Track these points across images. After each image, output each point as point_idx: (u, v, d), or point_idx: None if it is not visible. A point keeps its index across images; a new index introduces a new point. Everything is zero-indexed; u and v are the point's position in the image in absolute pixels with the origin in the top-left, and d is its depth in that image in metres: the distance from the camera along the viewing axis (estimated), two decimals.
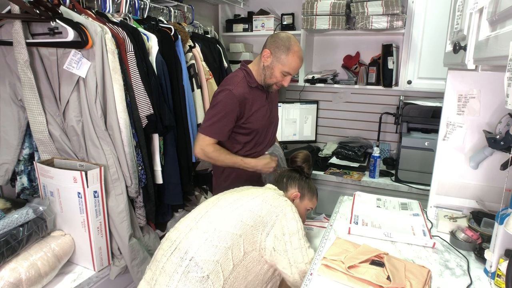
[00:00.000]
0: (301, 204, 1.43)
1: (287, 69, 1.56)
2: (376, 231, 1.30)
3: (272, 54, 1.55)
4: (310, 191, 1.45)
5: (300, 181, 1.44)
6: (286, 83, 1.62)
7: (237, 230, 1.09)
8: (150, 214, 1.57)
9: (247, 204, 1.17)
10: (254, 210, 1.15)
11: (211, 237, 1.07)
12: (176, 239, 1.12)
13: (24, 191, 1.47)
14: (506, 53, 0.63)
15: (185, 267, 1.03)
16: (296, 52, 1.55)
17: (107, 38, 1.29)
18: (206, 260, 1.04)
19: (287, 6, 2.67)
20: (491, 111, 1.35)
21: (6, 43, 1.32)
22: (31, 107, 1.33)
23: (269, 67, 1.57)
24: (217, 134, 1.57)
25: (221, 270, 1.04)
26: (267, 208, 1.17)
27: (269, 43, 1.57)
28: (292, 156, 1.53)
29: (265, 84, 1.63)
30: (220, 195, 1.27)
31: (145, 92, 1.42)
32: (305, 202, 1.44)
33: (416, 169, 2.09)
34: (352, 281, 1.02)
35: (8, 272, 1.12)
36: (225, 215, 1.13)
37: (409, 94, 2.38)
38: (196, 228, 1.12)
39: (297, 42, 1.56)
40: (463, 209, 1.45)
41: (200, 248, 1.06)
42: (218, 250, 1.06)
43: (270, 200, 1.21)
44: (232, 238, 1.08)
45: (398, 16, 2.10)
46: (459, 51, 0.97)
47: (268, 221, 1.14)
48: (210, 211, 1.17)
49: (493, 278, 1.05)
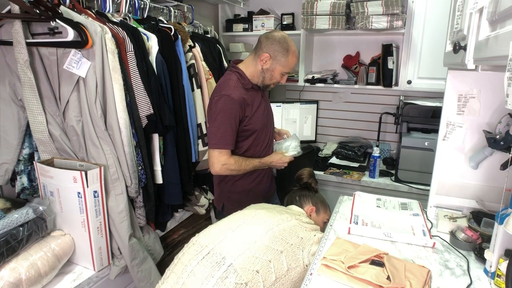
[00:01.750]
0: (318, 217, 1.51)
1: (287, 70, 1.59)
2: (376, 231, 1.30)
3: (272, 58, 1.54)
4: (323, 204, 1.55)
5: (313, 196, 1.54)
6: (284, 81, 1.66)
7: (278, 246, 1.12)
8: (150, 214, 1.57)
9: (287, 224, 1.23)
10: (293, 231, 1.22)
11: (251, 248, 1.09)
12: (209, 245, 1.11)
13: (24, 191, 1.47)
14: (506, 53, 0.63)
15: (223, 272, 1.02)
16: (294, 52, 1.57)
17: (107, 38, 1.29)
18: (245, 269, 1.03)
19: (287, 6, 2.67)
20: (491, 111, 1.35)
21: (6, 43, 1.32)
22: (31, 107, 1.33)
23: (269, 69, 1.57)
24: (230, 144, 1.54)
25: (261, 280, 1.04)
26: (303, 231, 1.24)
27: (266, 46, 1.54)
28: (298, 175, 1.61)
29: (263, 85, 1.63)
30: (254, 210, 1.31)
31: (145, 92, 1.42)
32: (321, 215, 1.52)
33: (416, 169, 2.09)
34: (352, 281, 1.02)
35: (8, 272, 1.12)
36: (265, 230, 1.16)
37: (409, 94, 2.38)
38: (233, 237, 1.13)
39: (291, 41, 1.58)
40: (463, 209, 1.45)
41: (240, 256, 1.06)
42: (259, 261, 1.06)
43: (305, 224, 1.29)
44: (273, 253, 1.10)
45: (398, 16, 2.10)
46: (459, 51, 0.97)
47: (306, 242, 1.21)
48: (248, 223, 1.20)
49: (493, 278, 1.05)
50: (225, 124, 1.51)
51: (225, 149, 1.53)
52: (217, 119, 1.51)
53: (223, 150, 1.53)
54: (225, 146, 1.52)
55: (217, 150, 1.53)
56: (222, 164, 1.53)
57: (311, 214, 1.47)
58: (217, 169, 1.55)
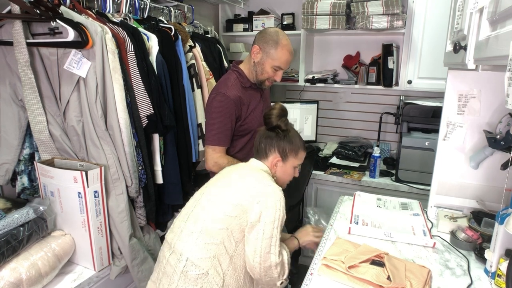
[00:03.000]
0: (285, 166, 1.32)
1: (277, 64, 1.54)
2: (376, 231, 1.30)
3: (261, 50, 1.54)
4: (292, 149, 1.31)
5: (279, 141, 1.30)
6: (278, 78, 1.61)
7: (223, 224, 1.10)
8: (150, 214, 1.57)
9: (229, 197, 1.16)
10: (235, 201, 1.13)
11: (200, 237, 1.09)
12: (171, 241, 1.16)
13: (25, 191, 1.47)
14: (506, 53, 0.63)
15: (183, 267, 1.07)
16: (285, 45, 1.53)
17: (107, 38, 1.29)
18: (202, 258, 1.07)
19: (287, 6, 2.67)
20: (491, 111, 1.35)
21: (6, 43, 1.32)
22: (32, 107, 1.33)
23: (260, 63, 1.56)
24: (224, 141, 1.55)
25: (219, 264, 1.08)
26: (248, 197, 1.14)
27: (257, 39, 1.56)
28: (265, 115, 1.34)
29: (257, 81, 1.61)
30: (204, 189, 1.28)
31: (145, 92, 1.42)
32: (290, 161, 1.32)
33: (416, 169, 2.09)
34: (352, 281, 1.02)
35: (9, 272, 1.12)
36: (208, 213, 1.14)
37: (409, 94, 2.37)
38: (186, 228, 1.14)
39: (285, 36, 1.55)
40: (463, 209, 1.45)
41: (194, 248, 1.09)
42: (212, 246, 1.08)
43: (251, 187, 1.18)
44: (220, 233, 1.09)
45: (398, 16, 2.10)
46: (459, 51, 0.97)
47: (248, 208, 1.12)
48: (195, 210, 1.19)
49: (494, 278, 1.05)
50: (219, 122, 1.52)
51: (218, 145, 1.54)
52: (211, 116, 1.54)
53: (217, 147, 1.54)
54: (218, 142, 1.54)
55: (211, 146, 1.54)
56: (214, 161, 1.54)
57: (276, 164, 1.31)
58: (210, 166, 1.57)
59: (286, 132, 1.31)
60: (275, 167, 1.32)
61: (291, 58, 1.57)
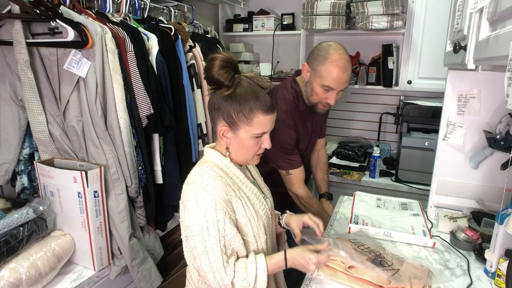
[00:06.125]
0: (238, 136, 0.99)
1: (326, 83, 1.35)
2: (376, 231, 1.30)
3: (310, 67, 1.39)
4: (240, 111, 0.95)
5: (222, 103, 0.96)
6: (331, 101, 1.40)
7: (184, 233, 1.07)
8: (150, 214, 1.57)
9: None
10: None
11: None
12: None
13: (24, 191, 1.47)
14: (506, 53, 0.63)
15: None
16: (334, 61, 1.33)
17: (107, 38, 1.29)
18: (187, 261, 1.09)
19: (287, 6, 2.67)
20: (491, 111, 1.35)
21: (6, 43, 1.32)
22: (31, 107, 1.33)
23: (309, 82, 1.42)
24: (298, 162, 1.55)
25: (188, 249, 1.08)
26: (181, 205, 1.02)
27: (308, 55, 1.43)
28: (205, 69, 0.98)
29: (310, 104, 1.46)
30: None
31: (145, 92, 1.42)
32: (242, 130, 0.98)
33: (416, 169, 2.09)
34: (352, 281, 1.02)
35: (8, 272, 1.12)
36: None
37: (409, 94, 2.38)
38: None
39: (338, 50, 1.35)
40: (463, 209, 1.45)
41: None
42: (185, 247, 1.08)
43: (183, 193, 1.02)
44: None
45: (398, 16, 2.10)
46: (459, 51, 0.97)
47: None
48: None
49: (493, 278, 1.05)
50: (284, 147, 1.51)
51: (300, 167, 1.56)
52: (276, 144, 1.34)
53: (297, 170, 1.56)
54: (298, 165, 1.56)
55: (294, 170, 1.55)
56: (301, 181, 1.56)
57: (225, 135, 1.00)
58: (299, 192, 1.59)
59: (231, 88, 0.95)
60: (226, 140, 1.01)
61: (344, 76, 1.35)
